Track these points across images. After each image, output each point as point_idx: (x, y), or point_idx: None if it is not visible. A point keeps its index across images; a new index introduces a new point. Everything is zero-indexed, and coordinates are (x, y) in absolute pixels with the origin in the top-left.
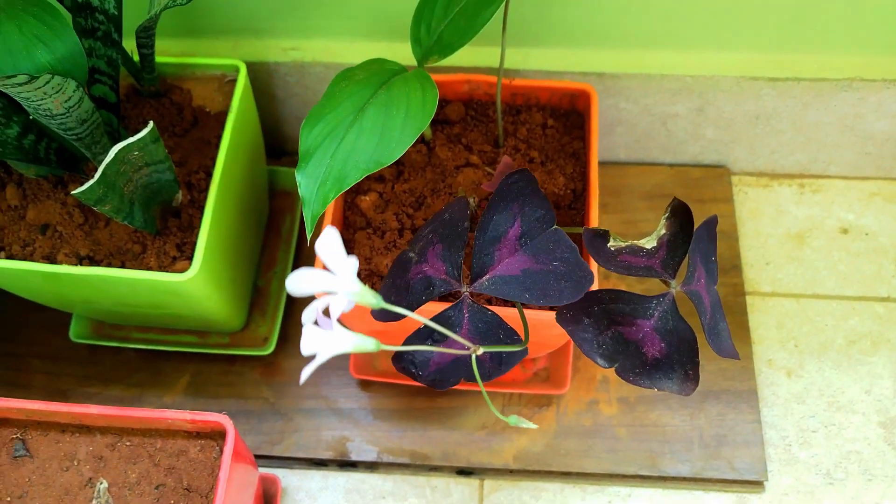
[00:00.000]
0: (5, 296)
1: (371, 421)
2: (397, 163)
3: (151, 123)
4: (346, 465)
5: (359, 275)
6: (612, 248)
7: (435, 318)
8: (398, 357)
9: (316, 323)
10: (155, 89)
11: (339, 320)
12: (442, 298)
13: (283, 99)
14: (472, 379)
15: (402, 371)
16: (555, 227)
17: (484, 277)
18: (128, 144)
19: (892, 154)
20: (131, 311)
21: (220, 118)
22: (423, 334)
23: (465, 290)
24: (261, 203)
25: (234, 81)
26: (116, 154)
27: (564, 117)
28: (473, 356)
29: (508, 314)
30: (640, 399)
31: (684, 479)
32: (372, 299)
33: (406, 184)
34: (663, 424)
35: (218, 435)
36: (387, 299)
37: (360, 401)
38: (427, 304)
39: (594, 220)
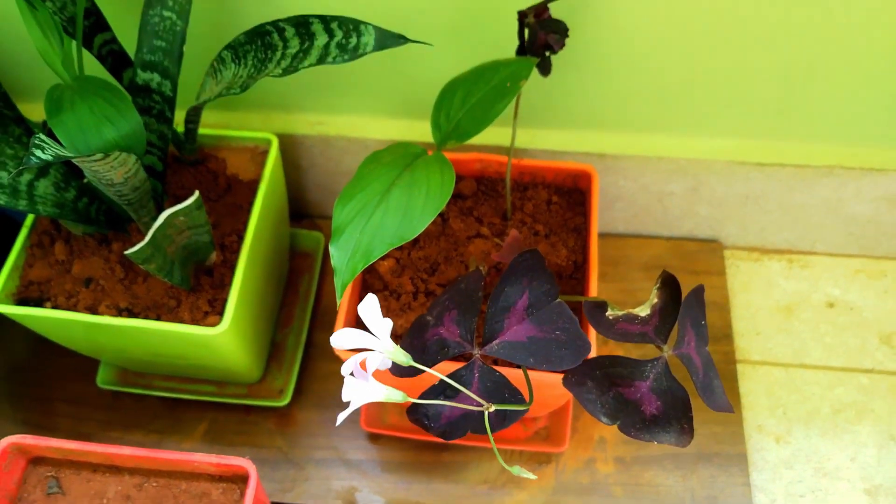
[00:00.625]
0: (37, 343)
1: (379, 472)
2: None
3: (197, 193)
4: None
5: None
6: (611, 317)
7: (449, 376)
8: (413, 409)
9: (352, 374)
10: (194, 158)
11: (372, 375)
12: (453, 359)
13: (306, 168)
14: (477, 432)
15: (415, 422)
16: (558, 300)
17: (494, 342)
18: (175, 211)
19: (873, 234)
20: (159, 361)
21: (252, 185)
22: (437, 390)
23: (476, 352)
24: (283, 263)
25: (265, 152)
26: (165, 219)
27: (568, 194)
28: (486, 413)
29: (513, 375)
30: (635, 459)
31: None
32: (402, 357)
33: (421, 251)
34: (657, 484)
35: (239, 479)
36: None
37: (369, 453)
38: (441, 363)
39: (593, 290)
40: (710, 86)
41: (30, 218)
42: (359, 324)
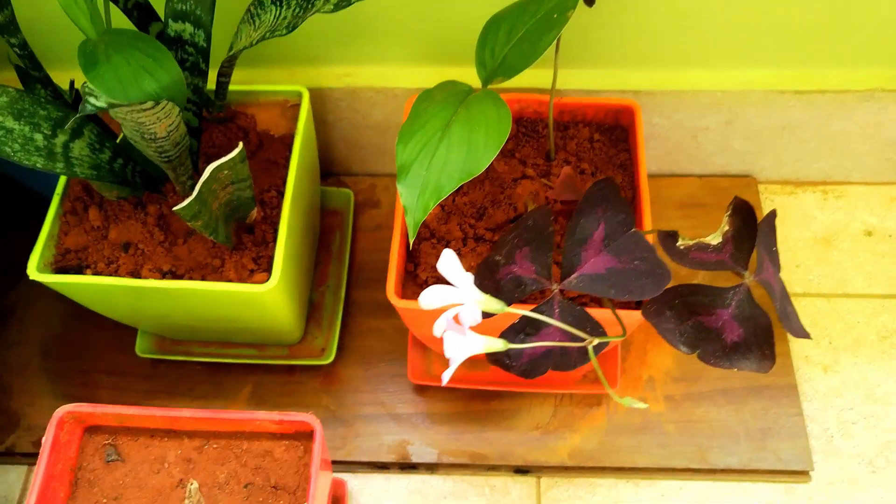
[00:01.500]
0: (71, 317)
1: (429, 425)
2: None
3: (241, 145)
4: (407, 467)
5: (426, 281)
6: (682, 247)
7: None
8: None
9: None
10: (222, 115)
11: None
12: (524, 301)
13: (332, 123)
14: (559, 369)
15: (495, 362)
16: (634, 229)
17: (573, 276)
18: (220, 164)
19: None
20: (201, 326)
21: (284, 140)
22: (518, 329)
23: (555, 287)
24: (316, 221)
25: (296, 106)
26: (211, 172)
27: (609, 132)
28: (590, 347)
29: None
30: (685, 396)
31: (733, 470)
32: (496, 305)
33: (466, 196)
34: (710, 420)
35: (302, 436)
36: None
37: (418, 406)
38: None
39: (648, 224)
40: (748, 14)
41: (61, 184)
42: (407, 274)
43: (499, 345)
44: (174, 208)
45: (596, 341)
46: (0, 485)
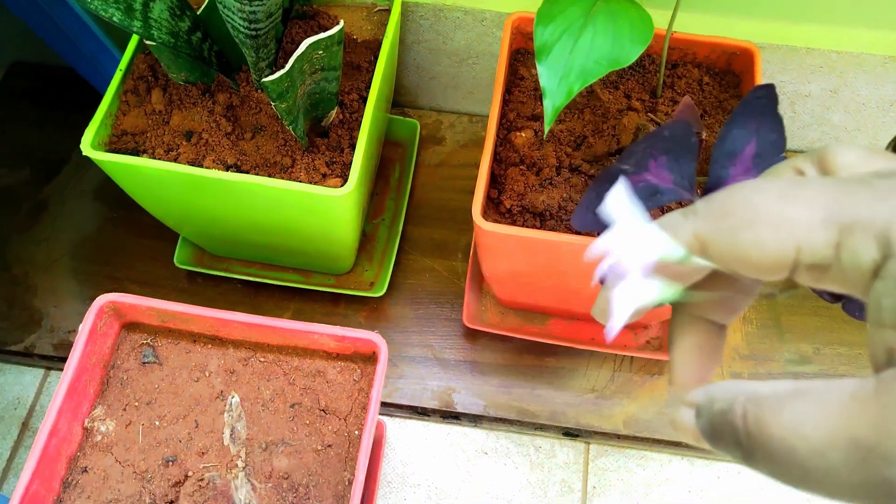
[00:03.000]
0: (109, 220)
1: (478, 374)
2: None
3: (342, 22)
4: (450, 416)
5: (510, 210)
6: None
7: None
8: None
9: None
10: (304, 10)
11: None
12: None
13: (409, 44)
14: None
15: None
16: (784, 154)
17: (718, 189)
18: (318, 40)
19: None
20: (249, 239)
21: (369, 45)
22: None
23: (696, 199)
24: (380, 146)
25: (382, 12)
26: (305, 49)
27: (720, 76)
28: None
29: None
30: (752, 376)
31: None
32: (678, 252)
33: (563, 124)
34: None
35: (359, 357)
36: (584, 213)
37: (467, 353)
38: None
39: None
40: None
41: (125, 58)
42: (490, 201)
43: (675, 294)
44: (264, 79)
45: None
46: (14, 385)
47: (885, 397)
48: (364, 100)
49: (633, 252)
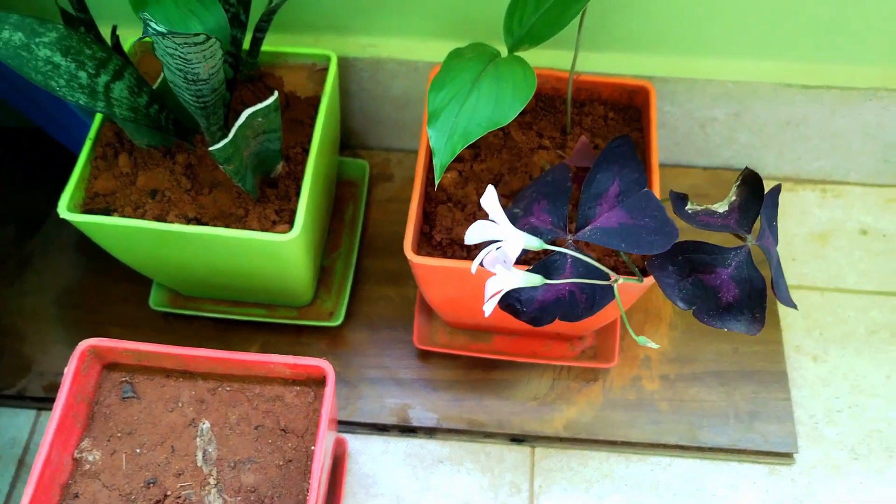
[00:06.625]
0: (86, 270)
1: (430, 390)
2: (474, 145)
3: (276, 93)
4: (407, 430)
5: (440, 242)
6: (690, 211)
7: (542, 262)
8: (506, 295)
9: (481, 265)
10: (250, 74)
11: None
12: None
13: (354, 93)
14: (566, 319)
15: (506, 308)
16: (646, 188)
17: (587, 228)
18: (256, 110)
19: None
20: (216, 281)
21: (311, 102)
22: (535, 273)
23: (569, 238)
24: (332, 188)
25: (322, 70)
26: (245, 119)
27: (623, 111)
28: (614, 285)
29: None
30: (679, 377)
31: (721, 449)
32: (535, 241)
33: (483, 163)
34: (701, 400)
35: (313, 382)
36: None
37: (421, 371)
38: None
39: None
40: (762, 5)
41: (93, 129)
42: (423, 235)
43: (536, 279)
44: (210, 148)
45: (621, 280)
46: (9, 427)
47: None
48: (307, 152)
49: (503, 245)
